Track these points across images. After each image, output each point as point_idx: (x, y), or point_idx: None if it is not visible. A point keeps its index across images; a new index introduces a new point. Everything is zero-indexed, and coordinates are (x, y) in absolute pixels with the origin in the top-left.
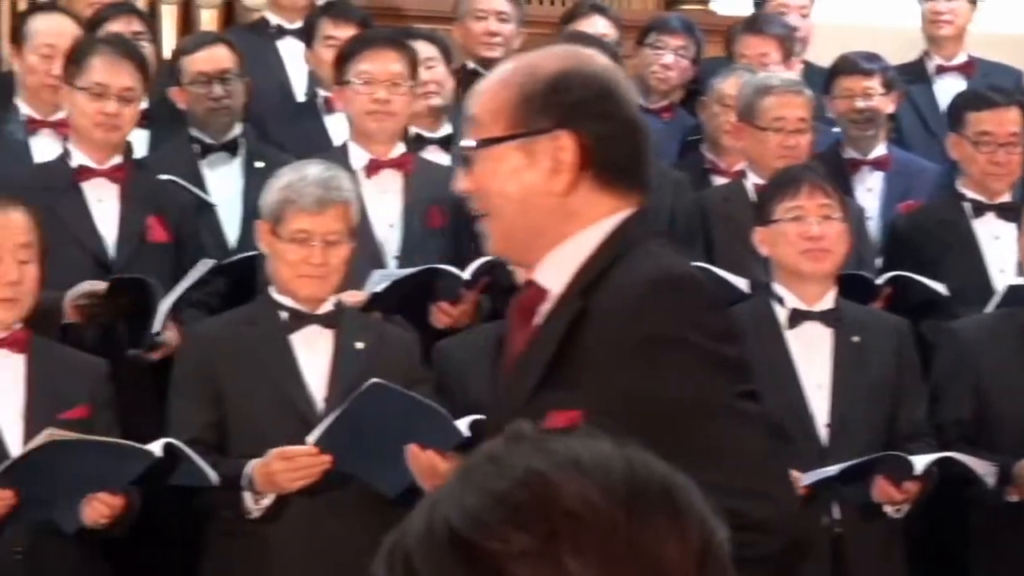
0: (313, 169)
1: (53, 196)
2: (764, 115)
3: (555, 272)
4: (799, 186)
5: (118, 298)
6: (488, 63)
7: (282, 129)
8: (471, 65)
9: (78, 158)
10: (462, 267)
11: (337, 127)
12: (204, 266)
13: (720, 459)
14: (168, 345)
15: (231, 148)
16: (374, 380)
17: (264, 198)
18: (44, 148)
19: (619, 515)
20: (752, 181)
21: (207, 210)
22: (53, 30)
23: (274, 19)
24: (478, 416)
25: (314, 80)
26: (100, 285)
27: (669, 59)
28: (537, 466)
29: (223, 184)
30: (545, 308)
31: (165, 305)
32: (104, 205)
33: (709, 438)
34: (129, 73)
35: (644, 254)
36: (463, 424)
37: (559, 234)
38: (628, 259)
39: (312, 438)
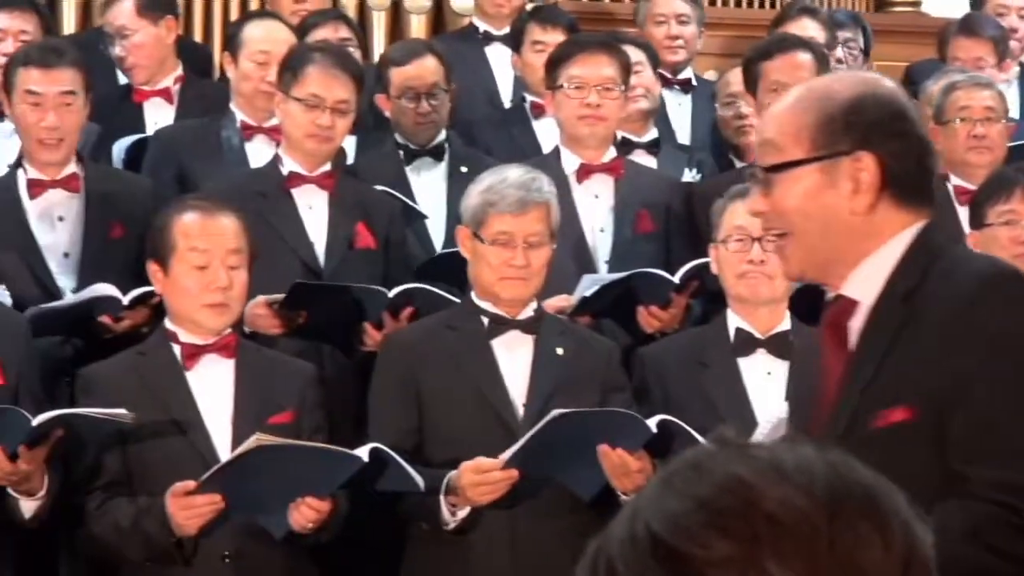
0: (513, 172)
1: (265, 202)
2: (951, 109)
3: (863, 284)
4: (1012, 190)
5: (299, 309)
6: (672, 67)
7: (490, 135)
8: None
9: (289, 164)
10: (672, 271)
11: (545, 132)
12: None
13: None
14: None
15: (436, 153)
16: (555, 412)
17: (464, 203)
18: (259, 153)
19: (821, 520)
20: (953, 183)
21: (416, 216)
22: (268, 37)
23: (481, 25)
24: (666, 416)
25: (521, 85)
26: (276, 297)
27: (840, 53)
28: (739, 471)
29: (428, 189)
30: (857, 320)
31: None
32: (314, 212)
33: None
34: (344, 85)
35: (963, 256)
36: (652, 423)
37: (860, 252)
38: (944, 262)
39: (504, 458)
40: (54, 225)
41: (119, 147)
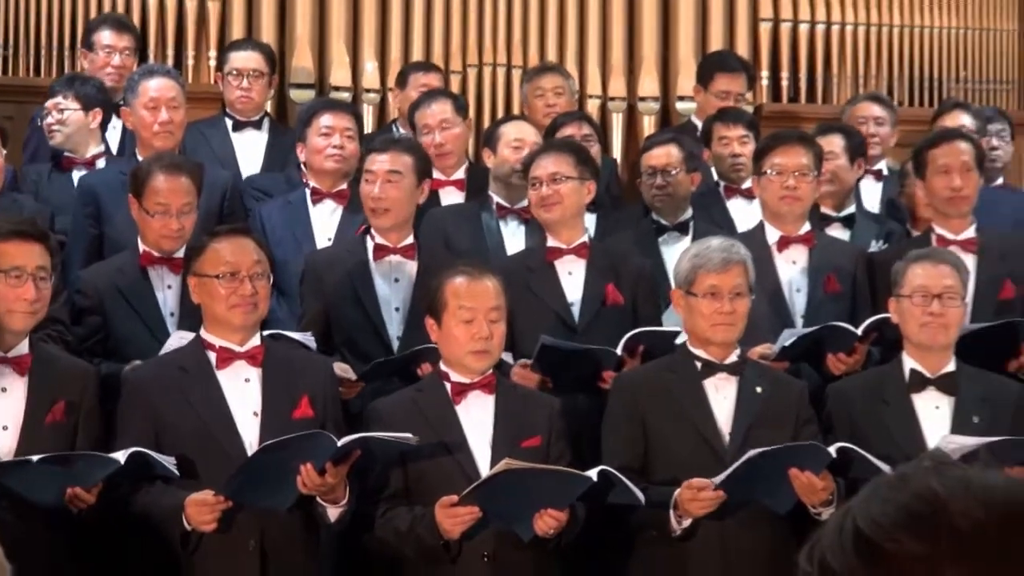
0: (715, 240)
1: (531, 274)
2: None
3: None
4: None
5: (549, 365)
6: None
7: (698, 214)
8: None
9: (551, 241)
10: (854, 324)
11: (737, 211)
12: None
13: None
14: None
15: (683, 228)
16: (751, 452)
17: (677, 269)
18: (511, 230)
19: (993, 530)
20: None
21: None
22: (520, 131)
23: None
24: (844, 444)
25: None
26: (528, 363)
27: (995, 141)
28: (933, 484)
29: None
30: None
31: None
32: (573, 277)
33: None
34: (556, 161)
35: None
36: (832, 449)
37: None
38: None
39: (716, 482)
40: (391, 284)
41: None
